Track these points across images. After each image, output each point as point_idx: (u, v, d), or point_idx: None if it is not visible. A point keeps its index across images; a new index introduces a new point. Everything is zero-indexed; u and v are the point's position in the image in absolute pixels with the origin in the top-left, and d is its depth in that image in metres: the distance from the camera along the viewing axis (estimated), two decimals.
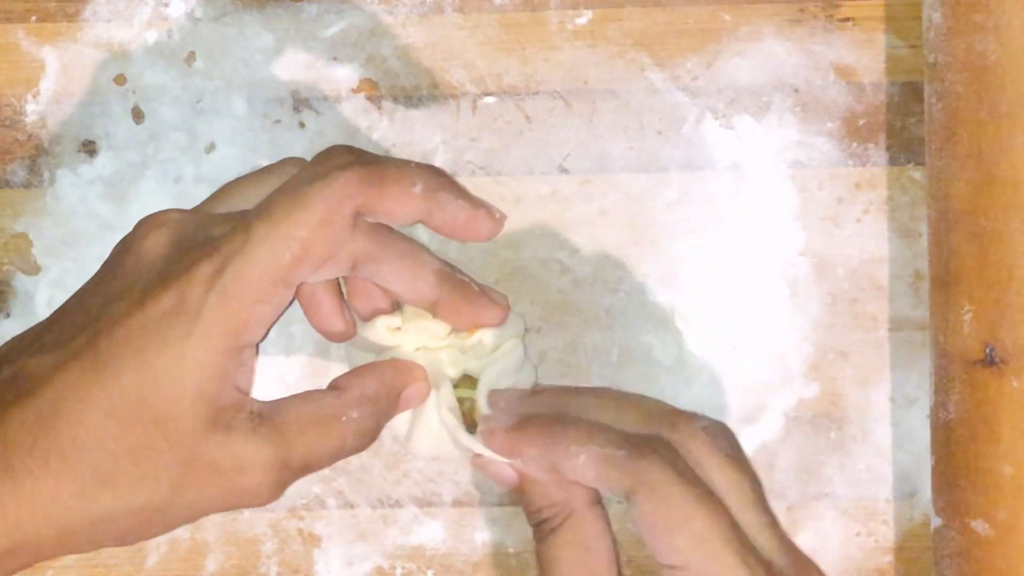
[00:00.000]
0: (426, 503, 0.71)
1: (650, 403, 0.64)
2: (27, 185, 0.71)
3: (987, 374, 0.65)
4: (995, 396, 0.65)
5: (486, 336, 0.65)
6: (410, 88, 0.71)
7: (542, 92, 0.71)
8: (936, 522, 0.67)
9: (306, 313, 0.64)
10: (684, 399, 0.71)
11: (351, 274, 0.62)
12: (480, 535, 0.71)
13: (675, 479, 0.59)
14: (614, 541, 0.62)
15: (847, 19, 0.71)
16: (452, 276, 0.64)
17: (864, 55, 0.71)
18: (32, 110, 0.71)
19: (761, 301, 0.71)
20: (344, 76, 0.71)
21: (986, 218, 0.65)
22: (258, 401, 0.61)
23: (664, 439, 0.60)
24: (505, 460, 0.62)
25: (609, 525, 0.62)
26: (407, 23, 0.71)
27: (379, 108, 0.71)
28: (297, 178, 0.61)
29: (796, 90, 0.71)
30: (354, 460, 0.71)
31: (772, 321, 0.71)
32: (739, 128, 0.71)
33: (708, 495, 0.59)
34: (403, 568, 0.71)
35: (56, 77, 0.71)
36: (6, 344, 0.63)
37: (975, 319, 0.65)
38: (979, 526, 0.65)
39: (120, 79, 0.71)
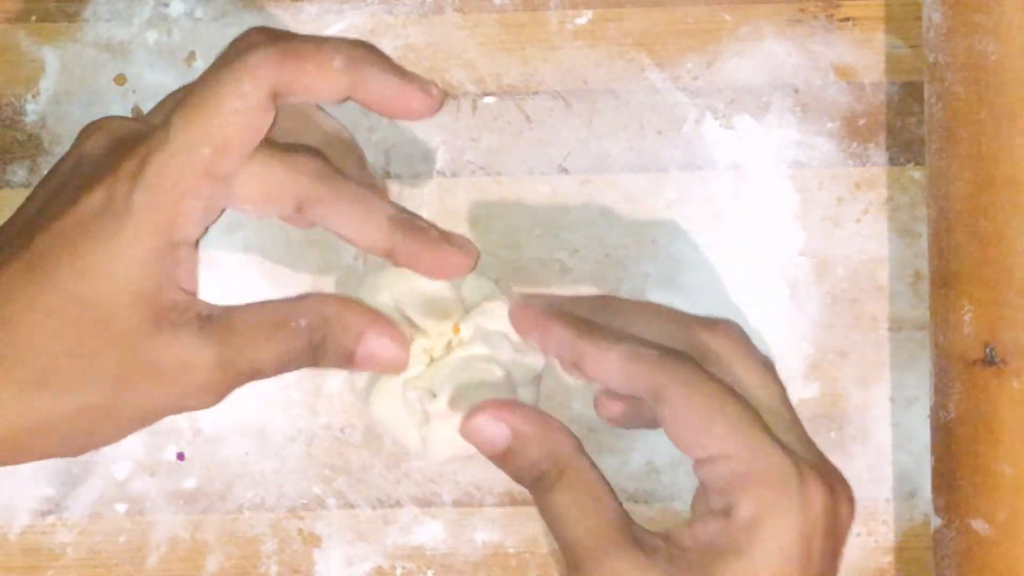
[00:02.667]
0: (426, 503, 0.71)
1: (685, 313, 0.64)
2: (27, 185, 0.71)
3: (987, 374, 0.65)
4: (995, 396, 0.65)
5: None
6: None
7: (542, 92, 0.71)
8: (936, 522, 0.67)
9: None
10: None
11: (297, 216, 0.61)
12: (480, 535, 0.71)
13: (705, 376, 0.59)
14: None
15: (847, 19, 0.71)
16: (408, 221, 0.61)
17: (864, 55, 0.71)
18: (32, 110, 0.71)
19: (761, 301, 0.71)
20: None
21: (986, 218, 0.65)
22: (208, 304, 0.60)
23: (690, 352, 0.61)
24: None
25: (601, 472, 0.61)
26: (407, 23, 0.71)
27: None
28: (211, 66, 0.60)
29: (796, 90, 0.71)
30: (354, 460, 0.71)
31: (772, 321, 0.71)
32: (739, 128, 0.71)
33: (736, 392, 0.59)
34: (403, 568, 0.71)
35: (56, 77, 0.71)
36: None
37: (975, 319, 0.65)
38: (979, 526, 0.65)
39: (120, 79, 0.71)
